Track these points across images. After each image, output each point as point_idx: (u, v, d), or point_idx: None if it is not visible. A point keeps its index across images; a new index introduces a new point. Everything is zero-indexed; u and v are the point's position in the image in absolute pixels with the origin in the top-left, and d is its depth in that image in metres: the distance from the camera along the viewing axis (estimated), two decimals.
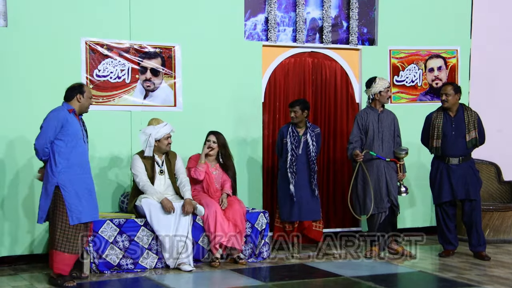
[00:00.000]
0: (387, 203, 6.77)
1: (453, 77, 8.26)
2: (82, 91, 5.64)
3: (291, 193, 6.85)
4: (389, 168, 6.80)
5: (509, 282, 5.73)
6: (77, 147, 5.52)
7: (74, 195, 5.46)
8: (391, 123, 6.87)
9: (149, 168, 6.33)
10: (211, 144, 6.64)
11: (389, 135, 6.85)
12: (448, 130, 6.72)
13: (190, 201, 6.27)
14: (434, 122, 6.78)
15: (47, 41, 6.54)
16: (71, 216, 5.44)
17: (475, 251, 6.79)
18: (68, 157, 5.47)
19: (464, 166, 6.74)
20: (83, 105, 5.65)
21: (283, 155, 6.98)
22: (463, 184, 6.70)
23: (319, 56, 7.86)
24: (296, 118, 6.93)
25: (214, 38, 7.28)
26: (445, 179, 6.74)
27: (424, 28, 8.16)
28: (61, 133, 5.45)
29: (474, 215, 6.74)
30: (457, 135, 6.69)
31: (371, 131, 6.81)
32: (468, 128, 6.69)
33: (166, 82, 7.08)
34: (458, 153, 6.72)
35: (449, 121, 6.75)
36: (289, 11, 7.73)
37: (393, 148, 6.84)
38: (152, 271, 6.14)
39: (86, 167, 5.63)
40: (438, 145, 6.74)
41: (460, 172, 6.71)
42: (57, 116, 5.47)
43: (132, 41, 6.92)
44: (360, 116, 6.92)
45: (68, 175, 5.46)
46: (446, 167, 6.74)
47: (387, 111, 6.95)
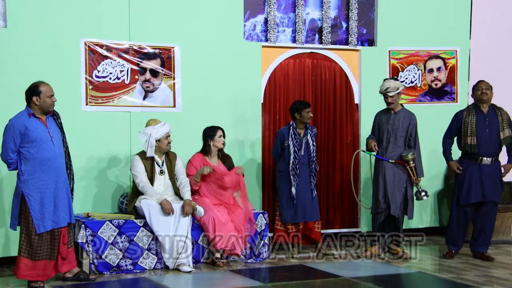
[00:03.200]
0: (383, 204, 6.76)
1: (452, 78, 8.26)
2: (38, 92, 5.39)
3: (293, 195, 6.85)
4: (394, 170, 6.77)
5: (509, 283, 5.73)
6: (40, 152, 5.37)
7: (38, 203, 5.37)
8: (405, 125, 6.82)
9: (149, 168, 6.33)
10: (222, 139, 6.68)
11: (400, 137, 6.80)
12: (482, 127, 6.57)
13: (189, 202, 6.27)
14: (466, 119, 6.63)
15: (46, 42, 6.54)
16: (37, 225, 5.36)
17: (478, 251, 6.73)
18: (31, 164, 5.37)
19: (495, 166, 6.61)
20: (42, 106, 5.41)
21: (284, 157, 6.95)
22: (494, 186, 6.59)
23: (318, 56, 7.86)
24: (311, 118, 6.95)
25: (213, 39, 7.28)
26: (477, 180, 6.57)
27: (424, 29, 8.16)
28: (23, 140, 5.34)
29: (491, 218, 6.66)
30: (490, 133, 6.56)
31: (381, 132, 6.84)
32: (502, 125, 6.57)
33: (166, 83, 7.08)
34: (492, 152, 6.57)
35: (483, 117, 6.61)
36: (288, 12, 7.73)
37: (403, 150, 6.81)
38: (151, 271, 6.14)
39: (55, 170, 5.44)
40: (474, 142, 6.56)
41: (491, 173, 6.58)
42: (13, 125, 5.34)
43: (132, 42, 6.92)
44: (375, 116, 7.01)
45: (32, 182, 5.37)
46: (478, 167, 6.58)
47: (404, 112, 6.88)
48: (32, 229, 5.38)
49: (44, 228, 5.39)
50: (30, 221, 5.38)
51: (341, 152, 7.92)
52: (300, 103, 6.95)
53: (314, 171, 6.98)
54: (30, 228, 5.39)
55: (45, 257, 5.44)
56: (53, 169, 5.43)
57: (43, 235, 5.41)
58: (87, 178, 6.72)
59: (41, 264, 5.44)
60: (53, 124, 5.55)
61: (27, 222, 5.40)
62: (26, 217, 5.40)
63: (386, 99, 6.84)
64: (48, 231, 5.42)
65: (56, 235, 5.48)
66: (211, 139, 6.66)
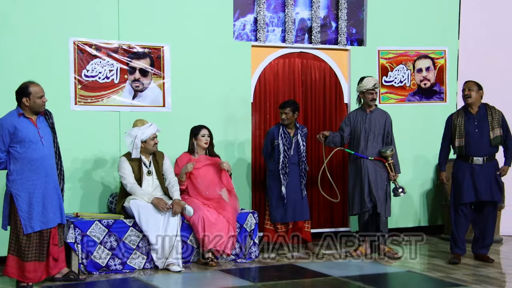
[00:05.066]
0: (369, 203, 6.77)
1: (441, 78, 8.29)
2: (28, 93, 5.34)
3: (283, 195, 6.85)
4: (375, 168, 6.79)
5: (497, 281, 5.76)
6: (29, 152, 5.34)
7: (26, 203, 5.35)
8: (382, 123, 6.85)
9: (136, 169, 6.31)
10: (206, 139, 6.66)
11: (377, 135, 6.83)
12: (471, 128, 6.53)
13: (178, 201, 6.26)
14: (455, 122, 6.61)
15: (35, 41, 6.51)
16: (24, 225, 5.34)
17: (480, 253, 6.67)
18: (20, 164, 5.35)
19: (488, 166, 6.55)
20: (32, 107, 5.37)
21: (274, 157, 6.95)
22: (487, 185, 6.52)
23: (308, 56, 7.87)
24: (287, 120, 6.92)
25: (203, 38, 7.27)
26: (468, 180, 6.53)
27: (413, 28, 8.19)
28: (12, 140, 5.32)
29: (491, 218, 6.61)
30: (481, 133, 6.51)
31: (358, 131, 6.83)
32: (491, 125, 6.52)
33: (155, 82, 7.06)
34: (483, 153, 6.52)
35: (471, 119, 6.57)
36: (278, 12, 7.74)
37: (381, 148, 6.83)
38: (140, 271, 6.12)
39: (44, 171, 5.40)
40: (462, 144, 6.54)
41: (484, 173, 6.53)
42: (3, 125, 5.32)
43: (121, 41, 6.90)
44: (349, 116, 6.97)
45: (20, 182, 5.35)
46: (469, 167, 6.55)
47: (379, 111, 6.93)
48: (20, 229, 5.35)
49: (31, 229, 5.36)
50: (18, 221, 5.35)
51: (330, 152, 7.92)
52: (280, 104, 7.04)
53: (304, 171, 6.99)
54: (18, 229, 5.36)
55: (34, 259, 5.41)
56: (41, 169, 5.40)
57: (31, 235, 5.38)
58: (75, 178, 6.70)
59: (31, 266, 5.40)
60: (44, 124, 5.51)
61: (15, 223, 5.38)
62: (15, 218, 5.37)
63: (371, 96, 6.82)
64: (36, 231, 5.39)
65: (45, 236, 5.45)
66: (195, 138, 6.66)
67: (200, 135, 6.65)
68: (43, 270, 5.49)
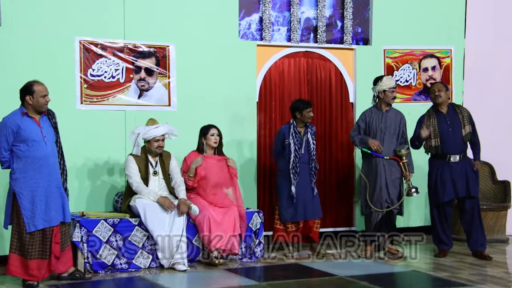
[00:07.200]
0: (385, 203, 6.78)
1: (447, 77, 8.27)
2: (31, 91, 5.37)
3: (292, 194, 6.84)
4: (391, 168, 6.80)
5: (503, 281, 5.75)
6: (32, 151, 5.36)
7: (29, 202, 5.37)
8: (397, 123, 6.88)
9: (143, 169, 6.31)
10: (215, 138, 6.64)
11: (393, 135, 6.85)
12: (444, 127, 6.70)
13: (184, 201, 6.26)
14: (427, 123, 6.75)
15: (41, 40, 6.53)
16: (27, 224, 5.36)
17: (476, 250, 6.75)
18: (23, 162, 5.37)
19: (464, 163, 6.71)
20: (35, 106, 5.39)
21: (285, 156, 6.93)
22: (464, 182, 6.66)
23: (313, 55, 7.86)
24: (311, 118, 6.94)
25: (208, 37, 7.27)
26: (447, 178, 6.66)
27: (418, 28, 8.17)
28: (16, 139, 5.35)
29: (475, 214, 6.71)
30: (454, 131, 6.68)
31: (374, 130, 6.84)
32: (463, 123, 6.70)
33: (161, 81, 7.07)
34: (458, 150, 6.68)
35: (443, 118, 6.74)
36: (283, 11, 7.73)
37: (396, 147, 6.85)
38: (146, 270, 6.13)
39: (47, 169, 5.42)
40: (438, 144, 6.70)
41: (461, 169, 6.67)
42: (6, 124, 5.35)
43: (126, 40, 6.91)
44: (365, 114, 6.97)
45: (24, 180, 5.36)
46: (448, 166, 6.68)
47: (394, 110, 6.95)
48: (23, 227, 5.37)
49: (34, 227, 5.38)
50: (22, 219, 5.37)
51: (336, 151, 7.93)
52: (302, 103, 6.93)
53: (314, 170, 6.98)
54: (22, 227, 5.38)
55: (37, 257, 5.42)
56: (44, 168, 5.42)
57: (34, 234, 5.40)
58: (81, 177, 6.71)
59: (34, 264, 5.42)
60: (47, 124, 5.52)
61: (18, 221, 5.39)
62: (18, 216, 5.39)
63: (393, 94, 6.86)
64: (39, 230, 5.41)
65: (47, 234, 5.46)
66: (204, 137, 6.66)
67: (209, 134, 6.64)
68: (46, 268, 5.51)
